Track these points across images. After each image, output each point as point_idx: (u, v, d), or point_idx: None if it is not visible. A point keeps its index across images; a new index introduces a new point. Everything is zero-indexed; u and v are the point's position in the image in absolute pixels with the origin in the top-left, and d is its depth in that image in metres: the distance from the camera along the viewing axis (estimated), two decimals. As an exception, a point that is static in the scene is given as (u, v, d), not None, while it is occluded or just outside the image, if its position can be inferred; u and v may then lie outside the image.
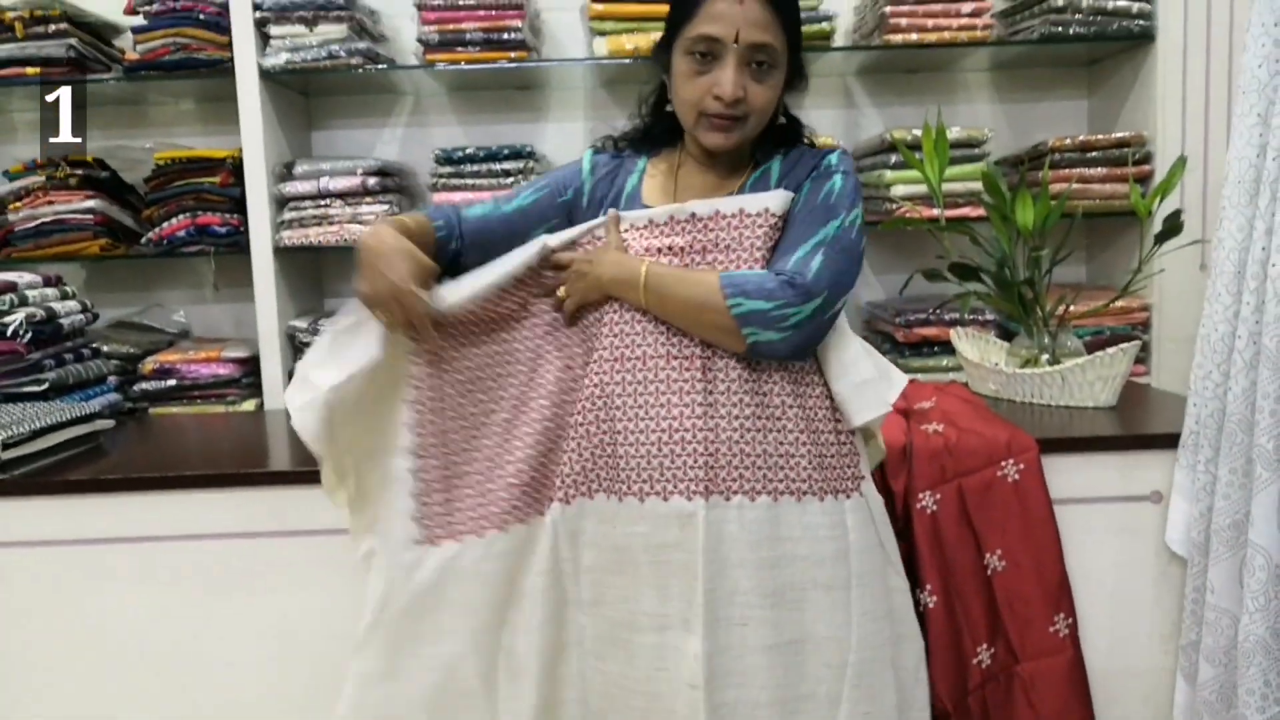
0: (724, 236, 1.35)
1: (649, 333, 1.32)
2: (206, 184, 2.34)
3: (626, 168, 1.46)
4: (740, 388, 1.29)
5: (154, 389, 2.33)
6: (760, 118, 1.36)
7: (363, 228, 2.33)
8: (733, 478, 1.27)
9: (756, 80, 1.33)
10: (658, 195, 1.43)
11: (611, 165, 1.47)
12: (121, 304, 2.59)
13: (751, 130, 1.37)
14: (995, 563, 1.59)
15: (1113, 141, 2.32)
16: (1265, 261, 1.37)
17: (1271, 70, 1.40)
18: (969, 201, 2.30)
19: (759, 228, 1.35)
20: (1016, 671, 1.59)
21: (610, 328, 1.34)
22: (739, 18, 1.29)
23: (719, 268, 1.33)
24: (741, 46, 1.29)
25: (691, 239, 1.35)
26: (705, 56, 1.31)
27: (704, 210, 1.36)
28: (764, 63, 1.32)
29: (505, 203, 1.45)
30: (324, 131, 2.62)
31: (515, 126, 2.58)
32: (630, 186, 1.44)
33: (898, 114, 2.58)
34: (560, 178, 1.47)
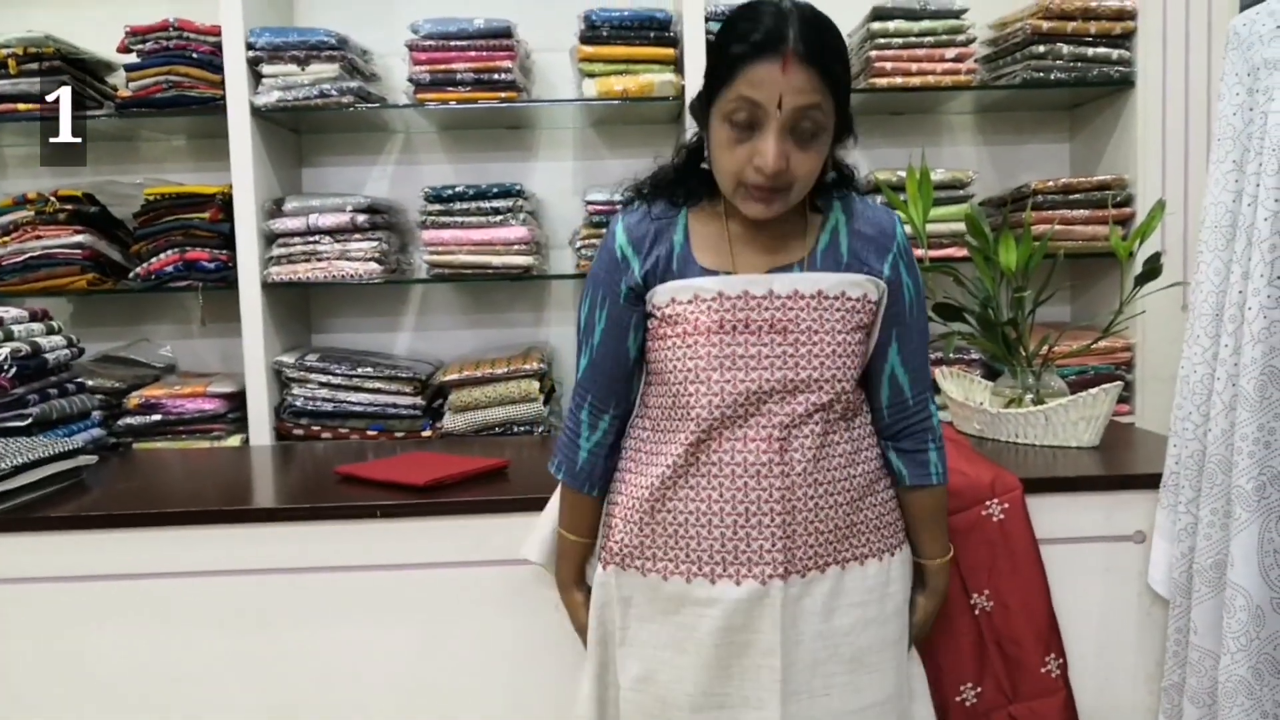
0: (804, 317, 1.28)
1: (732, 412, 1.27)
2: (196, 220, 2.35)
3: (666, 230, 1.34)
4: (813, 465, 1.27)
5: (139, 424, 2.32)
6: (804, 184, 1.26)
7: (351, 264, 2.35)
8: (807, 555, 1.27)
9: (800, 148, 1.22)
10: (711, 256, 1.32)
11: (648, 228, 1.34)
12: (108, 338, 2.59)
13: (796, 197, 1.27)
14: (982, 602, 1.58)
15: (1094, 184, 2.36)
16: (1242, 305, 1.39)
17: (1245, 118, 1.43)
18: (953, 242, 2.32)
19: (840, 311, 1.29)
20: (1011, 712, 1.58)
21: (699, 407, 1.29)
22: (782, 85, 1.18)
23: (801, 349, 1.27)
24: (785, 113, 1.18)
25: (770, 316, 1.28)
26: (745, 124, 1.21)
27: (782, 288, 1.28)
28: (809, 129, 1.21)
29: (589, 335, 1.36)
30: (314, 168, 2.64)
31: (505, 165, 2.61)
32: (679, 246, 1.33)
33: (883, 155, 2.61)
34: (606, 281, 1.34)
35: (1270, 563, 1.35)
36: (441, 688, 1.59)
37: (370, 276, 2.36)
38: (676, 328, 1.30)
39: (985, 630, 1.59)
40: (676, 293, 1.31)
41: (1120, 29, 2.31)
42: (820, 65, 1.19)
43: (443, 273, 2.38)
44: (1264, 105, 1.37)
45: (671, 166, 1.39)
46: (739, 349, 1.27)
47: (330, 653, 1.60)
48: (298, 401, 2.36)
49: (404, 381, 2.37)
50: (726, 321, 1.28)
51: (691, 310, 1.29)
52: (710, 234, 1.34)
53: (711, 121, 1.26)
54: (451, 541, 1.59)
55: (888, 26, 2.31)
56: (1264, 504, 1.36)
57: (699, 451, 1.27)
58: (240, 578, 1.59)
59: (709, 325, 1.28)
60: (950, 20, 2.33)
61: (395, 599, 1.59)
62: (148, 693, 1.61)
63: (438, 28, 2.30)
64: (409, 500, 1.60)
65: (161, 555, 1.59)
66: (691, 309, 1.29)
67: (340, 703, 1.60)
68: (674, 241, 1.33)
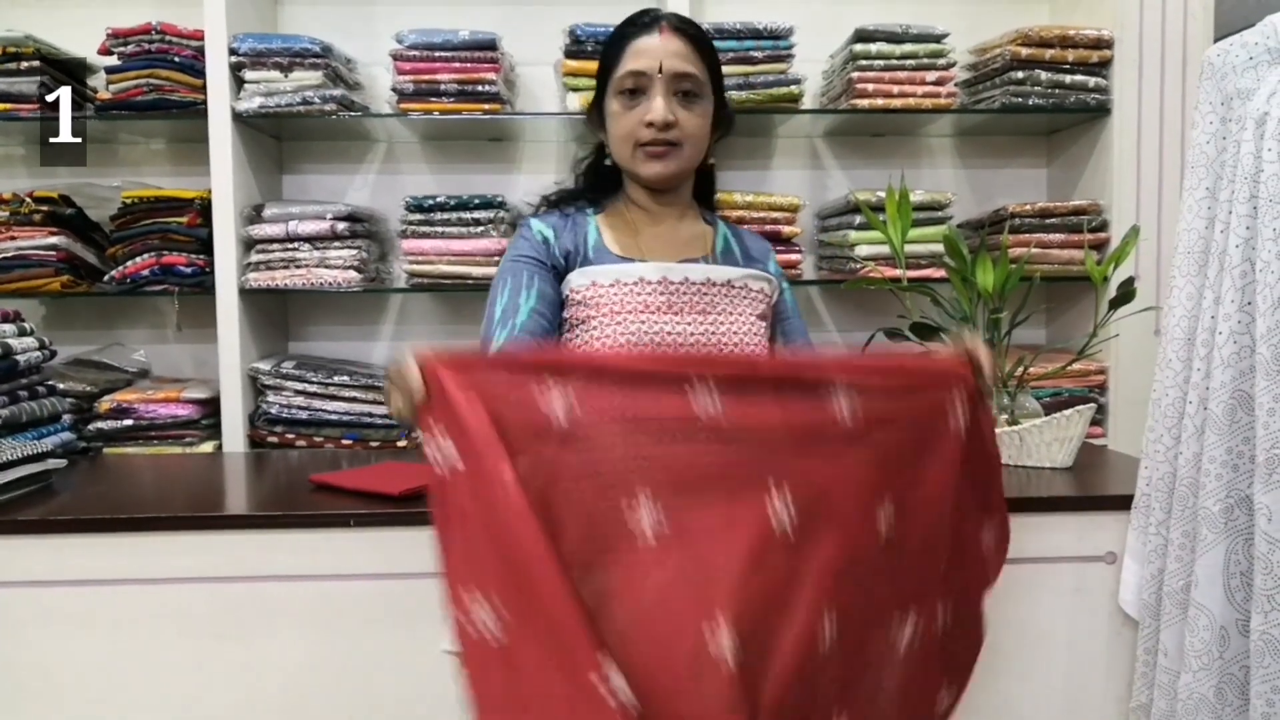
0: (719, 302, 1.45)
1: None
2: (174, 224, 2.33)
3: (577, 222, 1.51)
4: None
5: (110, 428, 2.29)
6: (693, 146, 1.46)
7: (330, 272, 2.34)
8: None
9: (685, 108, 1.42)
10: (624, 246, 1.48)
11: (563, 222, 1.51)
12: (81, 341, 2.56)
13: (687, 160, 1.46)
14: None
15: (1070, 209, 2.39)
16: (1214, 330, 1.41)
17: (1219, 146, 1.46)
18: (931, 263, 2.34)
19: (748, 300, 1.47)
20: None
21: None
22: (660, 50, 1.41)
23: (722, 328, 1.43)
24: (666, 75, 1.40)
25: (688, 300, 1.43)
26: (634, 93, 1.42)
27: (696, 276, 1.45)
28: (690, 92, 1.43)
29: (512, 316, 1.40)
30: (295, 175, 2.63)
31: (487, 177, 2.61)
32: (592, 238, 1.49)
33: (863, 176, 2.64)
34: (533, 256, 1.45)
35: (1236, 584, 1.37)
36: (424, 695, 1.58)
37: (349, 285, 2.35)
38: (600, 309, 1.41)
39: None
40: (597, 276, 1.44)
41: (1097, 57, 2.34)
42: (691, 37, 1.43)
43: (422, 282, 2.37)
44: (1237, 134, 1.40)
45: (576, 176, 1.61)
46: (666, 327, 1.40)
47: (304, 661, 1.58)
48: (273, 409, 2.34)
49: (381, 390, 2.36)
50: (652, 303, 1.41)
51: (615, 292, 1.42)
52: (619, 229, 1.51)
53: (606, 106, 1.47)
54: (427, 551, 1.57)
55: (870, 49, 2.33)
56: (1231, 526, 1.37)
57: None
58: (211, 585, 1.57)
59: (635, 306, 1.41)
60: (932, 44, 2.36)
61: (370, 608, 1.57)
62: (111, 699, 1.59)
63: (422, 38, 2.30)
64: (384, 509, 1.59)
65: (129, 561, 1.57)
66: (615, 291, 1.42)
67: (315, 712, 1.58)
68: (587, 234, 1.49)
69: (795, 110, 2.38)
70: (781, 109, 2.34)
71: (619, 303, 1.41)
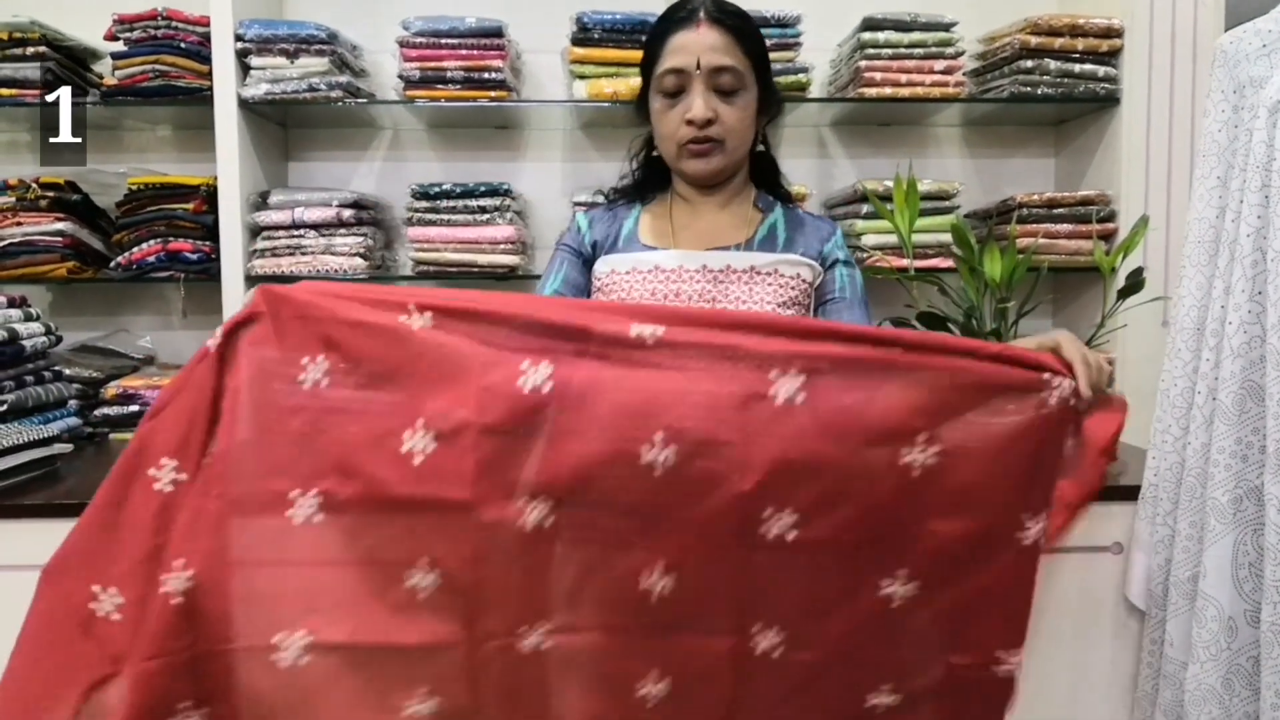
0: (734, 290, 1.41)
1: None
2: (179, 210, 2.33)
3: (621, 216, 1.53)
4: None
5: (116, 414, 2.29)
6: (737, 141, 1.43)
7: (336, 259, 2.33)
8: None
9: (725, 103, 1.40)
10: (656, 236, 1.49)
11: (606, 215, 1.54)
12: (87, 328, 2.56)
13: (732, 155, 1.44)
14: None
15: (1078, 199, 2.37)
16: (1223, 320, 1.40)
17: (1230, 135, 1.45)
18: (938, 253, 2.33)
19: (773, 287, 1.42)
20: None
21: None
22: (697, 45, 1.38)
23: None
24: (704, 71, 1.38)
25: (700, 288, 1.41)
26: (675, 92, 1.41)
27: (716, 263, 1.42)
28: (729, 86, 1.40)
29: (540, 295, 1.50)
30: (301, 163, 2.62)
31: (493, 165, 2.60)
32: (628, 229, 1.51)
33: (870, 165, 2.62)
34: (568, 244, 1.53)
35: (1244, 575, 1.37)
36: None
37: (355, 272, 2.34)
38: (613, 295, 1.44)
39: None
40: (616, 264, 1.46)
41: (1107, 46, 2.33)
42: (731, 28, 1.40)
43: (428, 270, 2.37)
44: (1249, 122, 1.39)
45: (630, 170, 1.59)
46: None
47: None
48: (278, 396, 2.34)
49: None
50: (658, 291, 1.41)
51: (628, 280, 1.43)
52: (658, 219, 1.51)
53: (650, 102, 1.45)
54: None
55: (878, 37, 2.32)
56: (1239, 517, 1.37)
57: None
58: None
59: (642, 294, 1.41)
60: (940, 33, 2.35)
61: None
62: (118, 685, 1.59)
63: (429, 25, 2.30)
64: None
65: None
66: (628, 279, 1.43)
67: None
68: (625, 225, 1.51)
69: (803, 99, 2.36)
70: (789, 97, 2.33)
71: (628, 290, 1.43)
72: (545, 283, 1.52)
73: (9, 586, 1.57)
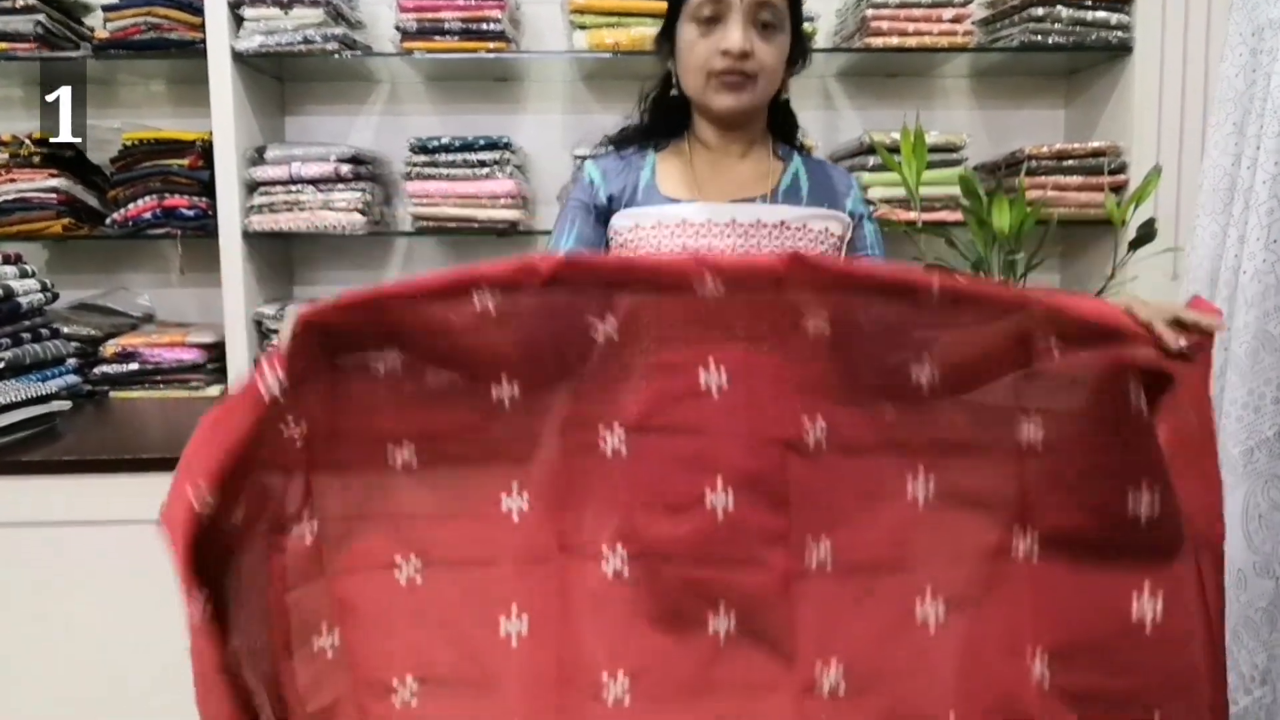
0: (765, 245, 1.37)
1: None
2: (175, 166, 2.29)
3: (635, 164, 1.45)
4: None
5: (115, 372, 2.28)
6: (767, 82, 1.37)
7: (334, 215, 2.30)
8: None
9: (763, 39, 1.34)
10: (677, 186, 1.42)
11: (618, 165, 1.45)
12: (84, 286, 2.54)
13: (760, 96, 1.38)
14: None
15: (1088, 151, 2.33)
16: (1237, 269, 1.37)
17: (1248, 80, 1.41)
18: (945, 206, 2.30)
19: (803, 243, 1.38)
20: None
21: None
22: None
23: None
24: (747, 3, 1.31)
25: (732, 243, 1.35)
26: (711, 20, 1.33)
27: (745, 217, 1.37)
28: (769, 22, 1.34)
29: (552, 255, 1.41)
30: (298, 117, 2.58)
31: (492, 118, 2.56)
32: (645, 179, 1.43)
33: (876, 117, 2.58)
34: (580, 199, 1.44)
35: (1255, 527, 1.35)
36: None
37: (353, 228, 2.31)
38: (638, 251, 1.36)
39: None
40: (639, 218, 1.38)
41: (1120, -8, 2.28)
42: None
43: (427, 225, 2.34)
44: (1267, 66, 1.35)
45: (640, 113, 1.51)
46: None
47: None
48: (278, 354, 2.32)
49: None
50: (689, 247, 1.34)
51: (654, 235, 1.36)
52: (676, 168, 1.43)
53: (679, 33, 1.38)
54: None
55: (885, -15, 2.27)
56: (1251, 469, 1.35)
57: None
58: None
59: (671, 249, 1.34)
60: (948, -20, 2.29)
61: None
62: (117, 639, 1.59)
63: (426, -27, 2.25)
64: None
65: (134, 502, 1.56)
66: (654, 234, 1.36)
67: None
68: (641, 175, 1.43)
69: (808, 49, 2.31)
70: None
71: (655, 246, 1.36)
72: (557, 241, 1.44)
73: (11, 542, 1.57)
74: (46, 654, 1.60)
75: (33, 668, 1.60)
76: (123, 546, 1.57)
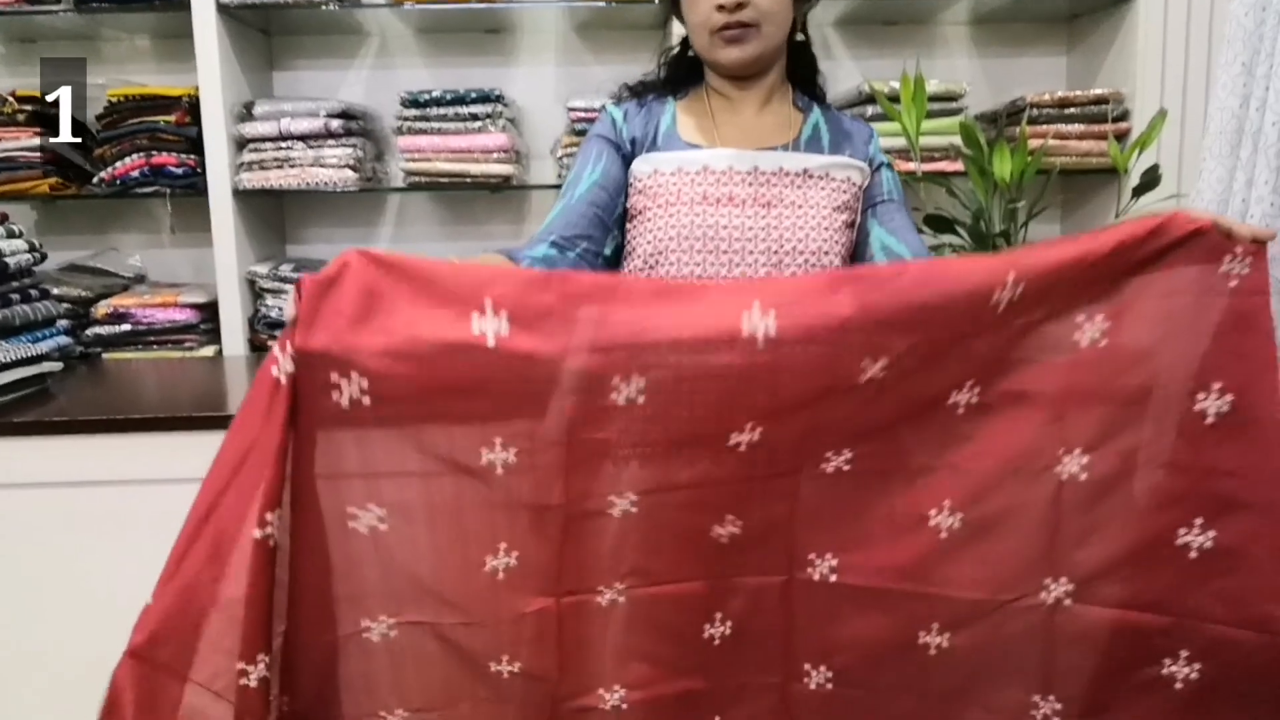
0: (788, 194, 1.34)
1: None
2: (161, 123, 2.25)
3: (655, 110, 1.42)
4: None
5: (108, 334, 2.26)
6: (773, 26, 1.32)
7: (325, 171, 2.27)
8: None
9: None
10: (696, 134, 1.39)
11: (639, 110, 1.43)
12: (75, 247, 2.51)
13: (768, 41, 1.33)
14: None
15: (1091, 98, 2.29)
16: (1244, 213, 1.35)
17: (1257, 19, 1.37)
18: (945, 156, 2.26)
19: (826, 191, 1.35)
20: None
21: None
22: None
23: (785, 222, 1.32)
24: None
25: (753, 191, 1.33)
26: None
27: (768, 164, 1.34)
28: None
29: (573, 188, 1.37)
30: (286, 72, 2.53)
31: (484, 70, 2.51)
32: (666, 126, 1.40)
33: (874, 66, 2.53)
34: (603, 137, 1.41)
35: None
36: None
37: (345, 184, 2.28)
38: (658, 199, 1.34)
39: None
40: (660, 164, 1.36)
41: (1124, -66, 2.23)
42: None
43: (419, 181, 2.31)
44: (1279, 3, 1.32)
45: (659, 65, 1.48)
46: (721, 220, 1.31)
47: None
48: (272, 312, 2.29)
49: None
50: (711, 194, 1.32)
51: (675, 181, 1.33)
52: (696, 116, 1.41)
53: None
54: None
55: (884, -72, 2.22)
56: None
57: None
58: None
59: (693, 197, 1.32)
60: (949, -78, 2.24)
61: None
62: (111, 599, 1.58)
63: (413, -79, 2.19)
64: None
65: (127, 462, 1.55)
66: (675, 180, 1.33)
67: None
68: (662, 121, 1.40)
69: (805, -5, 2.27)
70: (791, -6, 2.24)
71: (675, 193, 1.33)
72: (581, 174, 1.38)
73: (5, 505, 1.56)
74: (40, 614, 1.60)
75: (26, 629, 1.60)
76: (117, 506, 1.56)
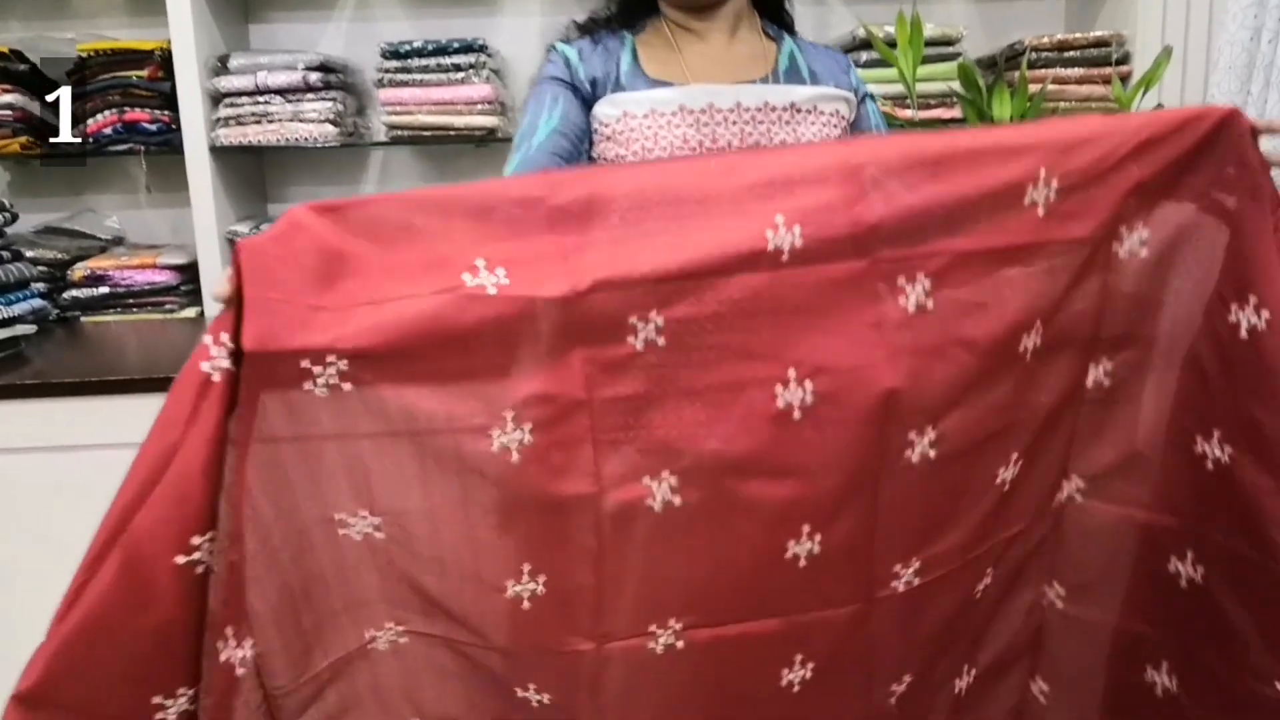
0: (777, 132, 1.20)
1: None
2: (134, 78, 2.18)
3: (611, 47, 1.28)
4: None
5: (85, 297, 2.21)
6: None
7: (305, 126, 2.20)
8: None
9: None
10: (664, 69, 1.26)
11: (595, 48, 1.28)
12: (50, 209, 2.45)
13: None
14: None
15: (1090, 41, 2.23)
16: (1254, 151, 1.30)
17: (1269, -54, 1.32)
18: (941, 102, 2.21)
19: (817, 126, 1.22)
20: None
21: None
22: None
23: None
24: None
25: (738, 130, 1.19)
26: None
27: (751, 100, 1.20)
28: None
29: (529, 138, 1.21)
30: (262, 25, 2.46)
31: (466, 20, 2.43)
32: (626, 63, 1.26)
33: (868, 11, 2.46)
34: (557, 79, 1.26)
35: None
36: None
37: (325, 139, 2.22)
38: (631, 147, 1.20)
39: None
40: (629, 105, 1.20)
41: None
42: None
43: (402, 135, 2.24)
44: (1291, -72, 1.26)
45: (608, 2, 1.34)
46: None
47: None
48: (253, 273, 2.24)
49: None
50: (692, 138, 1.18)
51: (649, 125, 1.19)
52: (659, 50, 1.27)
53: None
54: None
55: None
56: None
57: None
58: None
59: (672, 142, 1.17)
60: None
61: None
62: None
63: None
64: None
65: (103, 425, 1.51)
66: (649, 124, 1.19)
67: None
68: (620, 58, 1.26)
69: (797, -63, 2.19)
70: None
71: (651, 139, 1.19)
72: (537, 121, 1.23)
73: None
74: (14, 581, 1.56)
75: (1, 596, 1.56)
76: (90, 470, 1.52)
